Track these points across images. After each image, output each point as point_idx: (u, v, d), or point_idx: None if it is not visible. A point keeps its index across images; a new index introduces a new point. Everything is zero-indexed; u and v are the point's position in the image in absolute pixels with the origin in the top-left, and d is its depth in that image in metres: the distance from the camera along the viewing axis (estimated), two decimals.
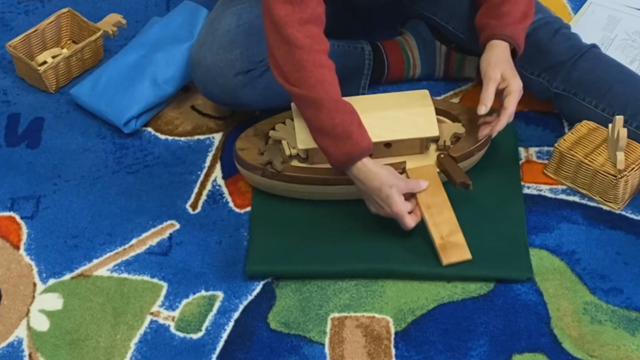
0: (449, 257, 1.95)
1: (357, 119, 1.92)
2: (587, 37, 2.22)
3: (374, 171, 1.91)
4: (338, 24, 2.27)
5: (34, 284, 1.97)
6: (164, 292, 1.96)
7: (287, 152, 2.04)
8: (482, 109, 2.00)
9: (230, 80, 2.09)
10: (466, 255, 1.95)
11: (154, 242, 2.04)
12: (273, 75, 1.95)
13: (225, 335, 1.90)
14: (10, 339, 1.90)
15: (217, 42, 2.09)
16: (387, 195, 1.92)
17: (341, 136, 1.89)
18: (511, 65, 2.03)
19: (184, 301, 1.95)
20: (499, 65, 2.01)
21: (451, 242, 1.96)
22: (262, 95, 2.12)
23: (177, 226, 2.06)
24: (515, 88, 2.00)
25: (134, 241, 2.04)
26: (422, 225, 1.98)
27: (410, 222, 1.95)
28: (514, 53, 2.07)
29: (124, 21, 2.38)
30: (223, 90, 2.10)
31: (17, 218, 2.08)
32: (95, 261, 2.01)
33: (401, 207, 1.93)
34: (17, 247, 2.03)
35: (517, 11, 2.06)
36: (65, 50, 2.36)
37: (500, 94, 2.02)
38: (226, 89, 2.10)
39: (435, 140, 2.07)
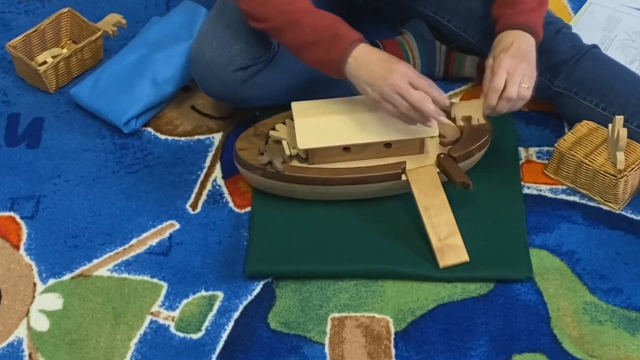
0: (445, 260, 1.95)
1: (340, 21, 1.92)
2: (587, 37, 2.22)
3: (378, 52, 1.88)
4: None
5: (34, 284, 1.97)
6: (164, 292, 1.96)
7: (287, 152, 2.03)
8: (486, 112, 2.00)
9: (230, 76, 2.09)
10: (463, 257, 1.95)
11: (154, 242, 2.04)
12: (272, 70, 1.95)
13: (225, 335, 1.90)
14: (10, 339, 1.90)
15: (217, 37, 2.09)
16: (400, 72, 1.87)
17: (329, 38, 1.89)
18: (515, 51, 1.97)
19: (184, 301, 1.95)
20: (502, 55, 1.97)
21: (449, 244, 1.96)
22: (262, 92, 2.12)
23: (177, 226, 2.06)
24: (500, 65, 1.95)
25: (134, 241, 2.04)
26: (421, 226, 1.98)
27: (431, 106, 1.88)
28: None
29: (124, 21, 2.38)
30: (222, 85, 2.10)
31: (17, 218, 2.08)
32: (95, 261, 2.01)
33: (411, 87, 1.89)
34: (17, 247, 2.03)
35: None
36: (65, 50, 2.35)
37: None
38: (226, 84, 2.10)
39: (435, 140, 2.07)
